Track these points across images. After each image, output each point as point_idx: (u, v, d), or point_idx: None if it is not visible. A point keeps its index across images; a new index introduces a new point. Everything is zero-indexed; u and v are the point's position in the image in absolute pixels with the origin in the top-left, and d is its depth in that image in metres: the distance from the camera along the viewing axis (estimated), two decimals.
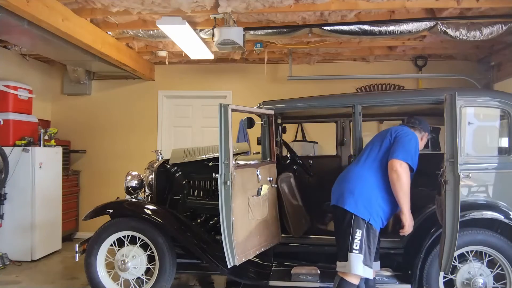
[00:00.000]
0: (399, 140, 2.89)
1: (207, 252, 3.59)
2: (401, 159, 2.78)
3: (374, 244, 2.84)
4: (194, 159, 4.25)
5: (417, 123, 3.16)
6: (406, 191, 2.78)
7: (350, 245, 2.77)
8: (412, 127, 3.13)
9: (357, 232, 2.78)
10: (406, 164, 2.79)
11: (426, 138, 3.20)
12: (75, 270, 4.82)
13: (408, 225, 2.83)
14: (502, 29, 4.34)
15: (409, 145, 2.86)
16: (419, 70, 6.29)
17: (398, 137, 2.92)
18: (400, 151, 2.82)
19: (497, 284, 3.22)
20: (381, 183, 2.87)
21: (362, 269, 2.75)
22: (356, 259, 2.75)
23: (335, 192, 2.98)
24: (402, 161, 2.78)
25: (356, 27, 4.37)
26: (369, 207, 2.81)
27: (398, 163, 2.77)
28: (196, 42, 4.88)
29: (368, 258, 2.78)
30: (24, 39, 4.51)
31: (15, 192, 5.20)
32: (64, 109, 6.79)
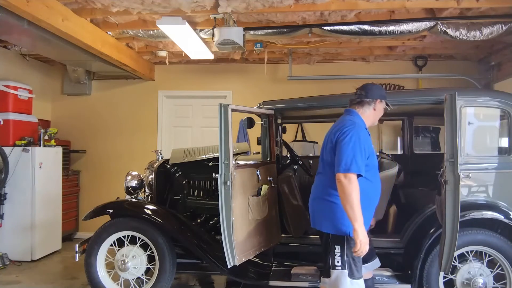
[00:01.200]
0: (338, 146, 2.59)
1: (207, 252, 3.59)
2: (343, 171, 2.48)
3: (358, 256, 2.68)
4: (194, 159, 4.25)
5: (364, 95, 2.78)
6: (353, 205, 2.46)
7: (332, 263, 2.66)
8: (359, 104, 2.79)
9: (336, 248, 2.65)
10: (350, 174, 2.48)
11: (381, 104, 2.81)
12: (75, 270, 4.82)
13: (359, 243, 2.47)
14: (502, 29, 4.33)
15: (347, 150, 2.53)
16: (419, 70, 6.29)
17: (338, 142, 2.61)
18: (341, 160, 2.52)
19: (497, 284, 3.22)
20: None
21: (349, 283, 2.62)
22: (341, 275, 2.64)
23: (310, 213, 2.85)
24: (346, 173, 2.48)
25: (356, 27, 4.37)
26: (343, 221, 2.60)
27: (341, 177, 2.49)
28: (196, 42, 4.88)
29: (354, 269, 2.64)
30: (24, 39, 4.51)
31: (15, 192, 5.20)
32: (64, 109, 6.79)
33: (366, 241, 2.50)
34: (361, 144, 2.56)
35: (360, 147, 2.55)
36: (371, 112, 2.79)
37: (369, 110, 2.79)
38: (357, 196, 2.47)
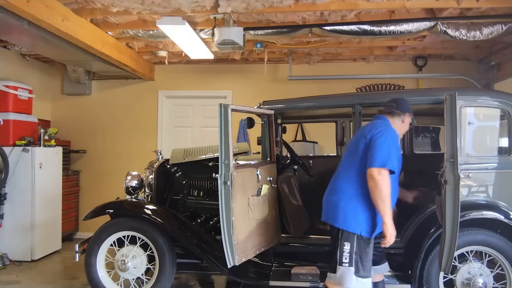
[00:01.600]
0: (373, 143, 2.70)
1: (207, 252, 3.59)
2: (378, 166, 2.61)
3: (367, 254, 2.74)
4: (194, 159, 4.25)
5: (394, 106, 2.94)
6: (385, 199, 2.59)
7: (339, 259, 2.72)
8: (390, 114, 2.93)
9: (345, 245, 2.71)
10: (384, 170, 2.61)
11: (408, 118, 2.96)
12: (75, 270, 4.82)
13: (389, 235, 2.64)
14: (502, 29, 4.34)
15: (383, 146, 2.67)
16: (419, 70, 6.29)
17: (372, 139, 2.72)
18: (376, 156, 2.64)
19: (497, 284, 3.22)
20: (365, 191, 2.72)
21: (354, 281, 2.68)
22: (347, 272, 2.70)
23: (324, 206, 2.92)
24: (380, 168, 2.61)
25: (356, 27, 4.37)
26: (357, 219, 2.71)
27: (375, 171, 2.61)
28: (196, 42, 4.88)
29: (360, 268, 2.69)
30: (24, 39, 4.51)
31: (15, 192, 5.20)
32: (64, 109, 6.79)
33: (394, 234, 2.65)
34: (395, 145, 2.74)
35: (394, 148, 2.72)
36: (399, 123, 2.93)
37: (398, 121, 2.92)
38: (389, 191, 2.60)
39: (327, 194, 2.93)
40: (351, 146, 2.91)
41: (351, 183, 2.78)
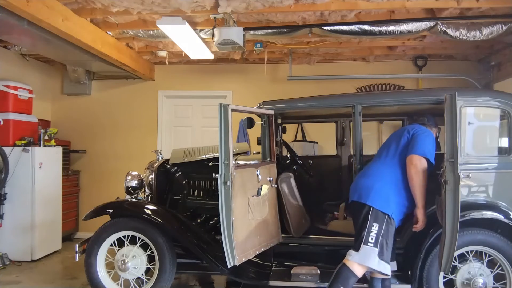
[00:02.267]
0: (417, 136, 2.96)
1: (207, 252, 3.59)
2: (420, 154, 2.86)
3: (391, 239, 2.86)
4: (194, 159, 4.25)
5: (427, 120, 3.25)
6: (422, 186, 2.84)
7: (365, 238, 2.79)
8: (423, 125, 3.19)
9: (374, 225, 2.81)
10: (425, 159, 2.86)
11: (435, 133, 3.28)
12: (75, 270, 4.82)
13: (422, 220, 2.90)
14: (502, 29, 4.34)
15: (427, 140, 2.94)
16: (419, 70, 6.29)
17: (415, 134, 2.99)
18: (419, 146, 2.89)
19: (497, 284, 3.22)
20: (401, 179, 2.94)
21: (377, 263, 2.76)
22: (370, 252, 2.77)
23: (354, 188, 3.03)
24: (421, 156, 2.85)
25: (356, 27, 4.37)
26: (389, 202, 2.87)
27: (417, 158, 2.84)
28: (196, 42, 4.89)
29: (385, 252, 2.78)
30: (24, 39, 4.51)
31: (15, 192, 5.20)
32: (64, 109, 6.79)
33: (425, 220, 2.92)
34: (434, 145, 3.00)
35: (433, 146, 2.97)
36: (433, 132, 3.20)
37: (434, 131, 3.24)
38: (425, 179, 2.84)
39: (359, 178, 3.10)
40: (393, 139, 3.14)
41: (389, 169, 2.98)
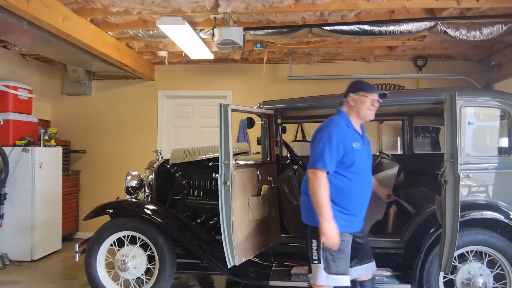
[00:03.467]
0: (311, 145, 2.72)
1: (207, 252, 3.59)
2: (310, 167, 2.61)
3: (340, 250, 2.62)
4: (194, 159, 4.25)
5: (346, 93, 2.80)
6: (317, 198, 2.55)
7: (311, 257, 2.70)
8: (340, 104, 2.84)
9: (312, 242, 2.69)
10: (318, 170, 2.57)
11: (357, 97, 2.74)
12: (75, 270, 4.82)
13: (324, 235, 2.52)
14: (502, 29, 4.34)
15: (317, 146, 2.63)
16: (419, 70, 6.29)
17: (312, 140, 2.75)
18: (311, 158, 2.65)
19: (497, 284, 3.22)
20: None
21: (325, 278, 2.62)
22: (317, 269, 2.66)
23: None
24: (313, 169, 2.59)
25: (356, 27, 4.37)
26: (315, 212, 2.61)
27: (310, 172, 2.62)
28: (196, 42, 4.88)
29: (331, 264, 2.63)
30: (24, 39, 4.50)
31: (15, 192, 5.20)
32: (64, 109, 6.79)
33: (332, 234, 2.52)
34: (332, 141, 2.59)
35: (331, 145, 2.59)
36: (350, 107, 2.76)
37: (347, 106, 2.78)
38: (323, 191, 2.55)
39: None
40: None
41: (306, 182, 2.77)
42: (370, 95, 2.71)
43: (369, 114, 2.74)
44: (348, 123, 2.72)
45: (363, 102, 2.71)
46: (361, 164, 2.67)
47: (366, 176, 2.76)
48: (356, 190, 2.68)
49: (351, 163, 2.62)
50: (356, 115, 2.75)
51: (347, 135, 2.65)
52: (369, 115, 2.74)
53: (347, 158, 2.62)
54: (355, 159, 2.63)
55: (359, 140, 2.71)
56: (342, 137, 2.62)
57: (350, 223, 2.68)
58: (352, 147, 2.63)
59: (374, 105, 2.73)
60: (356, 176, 2.66)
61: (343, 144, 2.61)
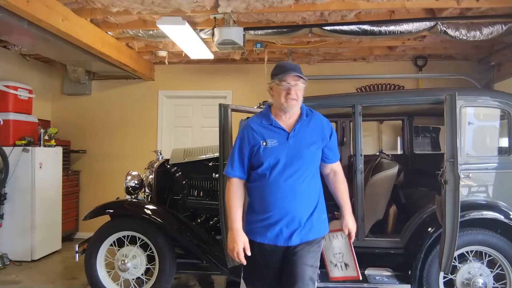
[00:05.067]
0: None
1: (207, 252, 3.59)
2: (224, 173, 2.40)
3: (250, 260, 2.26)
4: (194, 159, 4.25)
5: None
6: (227, 205, 2.30)
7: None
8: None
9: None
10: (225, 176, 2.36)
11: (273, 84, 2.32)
12: (75, 270, 4.82)
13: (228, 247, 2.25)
14: (502, 29, 4.34)
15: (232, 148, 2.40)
16: (419, 70, 6.29)
17: None
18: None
19: (497, 284, 3.22)
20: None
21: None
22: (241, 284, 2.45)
23: None
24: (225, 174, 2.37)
25: (356, 27, 4.37)
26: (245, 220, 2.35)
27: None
28: (196, 42, 4.88)
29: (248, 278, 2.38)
30: (24, 39, 4.51)
31: (15, 192, 5.20)
32: (64, 109, 6.79)
33: (230, 243, 2.23)
34: (239, 142, 2.34)
35: (238, 146, 2.34)
36: (272, 97, 2.37)
37: (270, 95, 2.38)
38: (228, 198, 2.30)
39: None
40: None
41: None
42: (281, 81, 2.25)
43: (288, 104, 2.26)
44: (266, 118, 2.34)
45: (277, 90, 2.29)
46: (279, 163, 2.24)
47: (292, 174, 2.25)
48: (271, 193, 2.24)
49: (260, 164, 2.26)
50: (277, 102, 2.32)
51: (255, 135, 2.29)
52: (287, 105, 2.26)
53: (255, 160, 2.28)
54: (265, 159, 2.24)
55: (278, 136, 2.28)
56: (248, 138, 2.31)
57: (266, 230, 2.25)
58: (261, 146, 2.26)
59: (290, 92, 2.24)
60: (271, 177, 2.24)
61: (249, 146, 2.30)
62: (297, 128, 2.31)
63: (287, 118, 2.33)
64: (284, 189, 2.24)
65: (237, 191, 2.30)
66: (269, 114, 2.35)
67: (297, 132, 2.31)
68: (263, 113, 2.40)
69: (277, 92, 2.28)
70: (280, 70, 2.28)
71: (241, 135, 2.35)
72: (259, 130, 2.31)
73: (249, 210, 2.35)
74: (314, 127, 2.36)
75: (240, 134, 2.36)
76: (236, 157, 2.32)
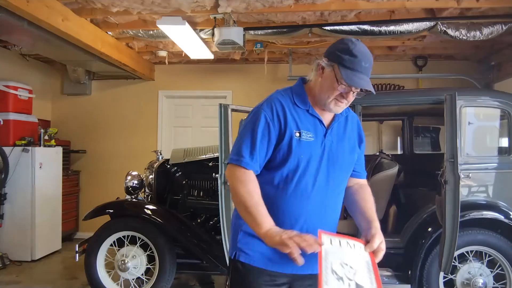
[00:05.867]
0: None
1: (207, 252, 3.59)
2: (229, 161, 1.66)
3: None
4: (194, 159, 4.25)
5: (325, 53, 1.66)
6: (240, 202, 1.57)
7: None
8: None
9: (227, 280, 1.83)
10: (233, 165, 1.62)
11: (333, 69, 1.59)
12: (75, 270, 4.82)
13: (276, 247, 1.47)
14: (502, 29, 4.34)
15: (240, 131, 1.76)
16: (419, 70, 6.29)
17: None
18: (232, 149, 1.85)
19: (497, 284, 3.22)
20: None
21: None
22: None
23: None
24: (229, 163, 1.65)
25: (356, 27, 4.37)
26: (235, 238, 1.71)
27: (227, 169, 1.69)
28: (196, 42, 4.88)
29: None
30: (24, 39, 4.50)
31: (15, 192, 5.20)
32: (64, 109, 6.79)
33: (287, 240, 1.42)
34: (263, 120, 1.62)
35: (263, 127, 1.61)
36: (316, 81, 1.68)
37: (314, 75, 1.69)
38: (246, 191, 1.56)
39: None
40: None
41: None
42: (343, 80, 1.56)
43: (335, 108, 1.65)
44: (301, 99, 1.69)
45: (330, 79, 1.60)
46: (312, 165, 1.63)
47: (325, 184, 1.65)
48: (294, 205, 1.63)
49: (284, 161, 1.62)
50: (317, 97, 1.67)
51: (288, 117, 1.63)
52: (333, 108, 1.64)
53: (280, 154, 1.63)
54: (295, 156, 1.61)
55: (315, 129, 1.66)
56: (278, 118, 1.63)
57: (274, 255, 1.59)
58: (294, 137, 1.61)
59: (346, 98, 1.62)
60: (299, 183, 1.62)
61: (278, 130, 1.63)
62: (334, 126, 1.71)
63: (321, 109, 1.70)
64: (313, 203, 1.63)
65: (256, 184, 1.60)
66: (305, 96, 1.69)
67: (335, 131, 1.71)
68: (296, 91, 1.71)
69: (329, 83, 1.60)
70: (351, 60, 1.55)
71: (265, 112, 1.63)
72: (292, 112, 1.65)
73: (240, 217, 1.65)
74: (351, 129, 1.78)
75: (264, 110, 1.64)
76: (258, 142, 1.60)
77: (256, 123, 1.63)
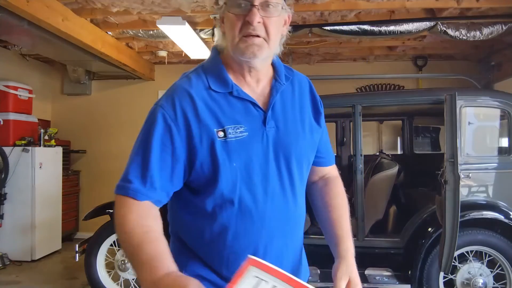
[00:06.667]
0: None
1: None
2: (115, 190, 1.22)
3: None
4: None
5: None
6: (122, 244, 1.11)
7: None
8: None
9: None
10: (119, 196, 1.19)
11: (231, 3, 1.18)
12: (75, 270, 4.82)
13: None
14: (502, 29, 4.34)
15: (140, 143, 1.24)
16: (419, 70, 6.28)
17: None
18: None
19: (497, 284, 3.22)
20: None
21: None
22: None
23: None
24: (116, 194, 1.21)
25: (356, 27, 4.37)
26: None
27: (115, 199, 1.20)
28: (196, 42, 4.88)
29: None
30: (24, 39, 4.50)
31: (15, 192, 5.20)
32: (64, 109, 6.79)
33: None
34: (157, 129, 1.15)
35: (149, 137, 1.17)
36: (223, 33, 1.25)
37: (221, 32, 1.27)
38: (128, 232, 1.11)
39: None
40: None
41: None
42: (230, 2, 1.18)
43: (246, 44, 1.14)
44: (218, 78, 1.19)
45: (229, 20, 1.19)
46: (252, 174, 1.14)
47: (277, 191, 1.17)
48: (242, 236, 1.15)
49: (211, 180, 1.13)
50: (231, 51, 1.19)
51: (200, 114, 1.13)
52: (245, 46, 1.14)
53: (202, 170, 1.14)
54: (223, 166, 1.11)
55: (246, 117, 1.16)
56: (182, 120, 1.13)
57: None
58: (217, 140, 1.11)
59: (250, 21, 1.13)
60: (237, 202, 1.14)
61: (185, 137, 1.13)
62: (276, 104, 1.21)
63: (253, 81, 1.22)
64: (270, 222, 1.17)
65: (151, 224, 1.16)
66: (222, 71, 1.20)
67: (278, 110, 1.21)
68: (210, 69, 1.22)
69: (230, 23, 1.17)
70: None
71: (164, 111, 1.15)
72: (208, 103, 1.15)
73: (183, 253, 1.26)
74: (302, 99, 1.28)
75: (162, 107, 1.15)
76: (154, 157, 1.13)
77: (150, 129, 1.14)
